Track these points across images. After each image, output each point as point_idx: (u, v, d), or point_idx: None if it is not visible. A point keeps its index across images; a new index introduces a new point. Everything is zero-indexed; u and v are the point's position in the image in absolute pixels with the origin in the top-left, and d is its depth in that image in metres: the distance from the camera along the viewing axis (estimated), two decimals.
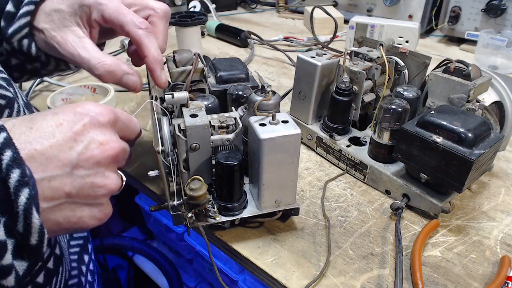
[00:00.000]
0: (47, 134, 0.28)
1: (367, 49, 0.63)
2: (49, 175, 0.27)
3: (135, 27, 0.42)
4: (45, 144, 0.27)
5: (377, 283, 0.43)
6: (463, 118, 0.47)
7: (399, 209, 0.50)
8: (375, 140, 0.55)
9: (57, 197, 0.28)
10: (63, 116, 0.29)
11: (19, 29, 0.43)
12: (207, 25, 1.20)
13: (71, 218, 0.29)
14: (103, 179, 0.30)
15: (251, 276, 0.74)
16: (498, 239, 0.48)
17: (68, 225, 0.29)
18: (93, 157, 0.29)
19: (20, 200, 0.24)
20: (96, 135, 0.30)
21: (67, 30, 0.43)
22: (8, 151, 0.25)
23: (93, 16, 0.43)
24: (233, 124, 0.46)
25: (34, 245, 0.26)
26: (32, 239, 0.25)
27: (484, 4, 1.02)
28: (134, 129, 0.36)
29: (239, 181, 0.45)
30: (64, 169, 0.28)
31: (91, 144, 0.29)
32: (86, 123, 0.29)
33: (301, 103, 0.64)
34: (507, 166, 0.62)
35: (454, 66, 0.53)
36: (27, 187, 0.25)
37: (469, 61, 0.54)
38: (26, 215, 0.25)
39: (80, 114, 0.30)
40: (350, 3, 1.28)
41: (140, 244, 1.02)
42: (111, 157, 0.30)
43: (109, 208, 0.32)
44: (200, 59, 0.54)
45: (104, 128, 0.31)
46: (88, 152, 0.29)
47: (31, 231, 0.25)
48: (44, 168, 0.27)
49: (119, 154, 0.31)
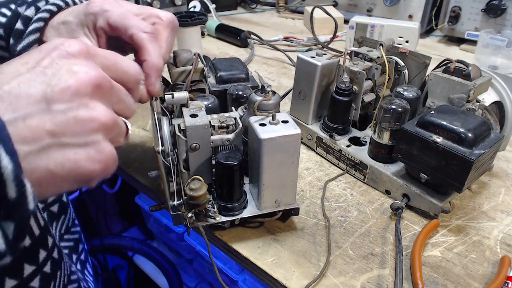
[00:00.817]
0: (13, 73, 0.26)
1: (367, 49, 0.63)
2: (22, 114, 0.25)
3: (138, 30, 0.41)
4: (12, 82, 0.25)
5: (377, 283, 0.43)
6: (463, 118, 0.47)
7: (399, 209, 0.50)
8: (375, 140, 0.55)
9: (38, 137, 0.25)
10: (28, 55, 0.27)
11: (28, 45, 0.43)
12: (207, 25, 1.20)
13: (65, 163, 0.26)
14: (88, 111, 0.27)
15: (251, 276, 0.74)
16: (498, 239, 0.48)
17: (64, 173, 0.26)
18: (68, 88, 0.26)
19: None
20: (68, 64, 0.27)
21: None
22: None
23: (99, 23, 0.42)
24: (233, 124, 0.46)
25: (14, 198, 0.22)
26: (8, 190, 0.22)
27: (484, 4, 1.02)
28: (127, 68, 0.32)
29: (239, 181, 0.45)
30: (39, 106, 0.25)
31: (63, 75, 0.26)
32: (54, 55, 0.27)
33: (301, 103, 0.64)
34: (507, 166, 0.62)
35: (454, 66, 0.53)
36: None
37: (469, 61, 0.54)
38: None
39: (47, 49, 0.27)
40: (350, 3, 1.28)
41: (140, 244, 1.02)
42: (91, 85, 0.27)
43: (108, 147, 0.28)
44: (200, 59, 0.54)
45: (76, 58, 0.28)
46: (62, 82, 0.26)
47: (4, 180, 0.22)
48: (15, 107, 0.25)
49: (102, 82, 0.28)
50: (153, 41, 0.42)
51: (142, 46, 0.41)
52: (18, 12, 0.44)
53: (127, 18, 0.42)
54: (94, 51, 0.29)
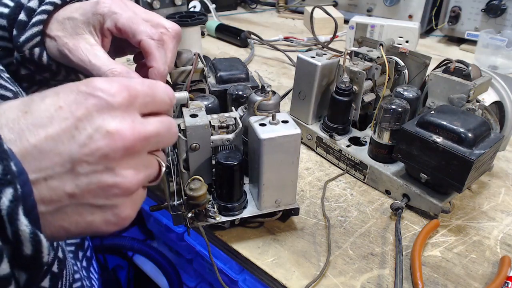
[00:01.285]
0: (43, 121, 0.23)
1: (367, 49, 0.63)
2: (45, 174, 0.23)
3: (148, 36, 0.42)
4: (40, 134, 0.23)
5: (377, 283, 0.43)
6: (463, 118, 0.47)
7: (399, 209, 0.50)
8: (375, 140, 0.55)
9: (57, 199, 0.24)
10: (64, 96, 0.24)
11: (31, 37, 0.43)
12: (207, 25, 1.20)
13: (80, 223, 0.25)
14: (112, 177, 0.25)
15: (251, 276, 0.74)
16: (498, 239, 0.48)
17: (78, 231, 0.26)
18: (98, 150, 0.24)
19: (2, 203, 0.20)
20: (102, 120, 0.24)
21: (79, 37, 0.43)
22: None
23: (107, 24, 0.43)
24: (233, 124, 0.46)
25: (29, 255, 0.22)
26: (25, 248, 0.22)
27: (484, 4, 1.02)
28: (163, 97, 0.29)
29: (239, 181, 0.45)
30: (64, 166, 0.23)
31: (95, 133, 0.24)
32: (91, 105, 0.24)
33: (301, 103, 0.64)
34: (507, 166, 0.62)
35: (454, 66, 0.53)
36: (10, 186, 0.21)
37: (469, 61, 0.54)
38: (11, 221, 0.21)
39: (84, 94, 0.25)
40: (350, 3, 1.28)
41: (140, 244, 1.02)
42: (122, 149, 0.25)
43: (127, 210, 0.27)
44: (200, 59, 0.54)
45: (114, 111, 0.25)
46: (92, 143, 0.24)
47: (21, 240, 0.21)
48: (39, 164, 0.23)
49: (135, 145, 0.25)
50: (161, 49, 0.43)
51: (150, 53, 0.42)
52: (21, 3, 0.44)
53: (137, 23, 0.43)
54: (134, 95, 0.26)
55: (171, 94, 0.31)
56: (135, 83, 0.27)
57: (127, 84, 0.26)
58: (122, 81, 0.26)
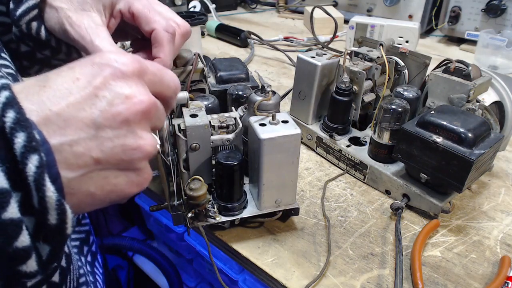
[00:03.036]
0: (63, 92, 0.24)
1: (367, 49, 0.63)
2: (70, 139, 0.23)
3: (162, 28, 0.42)
4: (61, 103, 0.23)
5: (377, 283, 0.43)
6: (463, 118, 0.47)
7: (399, 209, 0.50)
8: (375, 140, 0.55)
9: (83, 165, 0.24)
10: (80, 69, 0.25)
11: (28, 10, 0.42)
12: (207, 25, 1.20)
13: (105, 186, 0.26)
14: (136, 140, 0.26)
15: (251, 276, 0.74)
16: (498, 239, 0.48)
17: (103, 195, 0.26)
18: (119, 114, 0.25)
19: (29, 169, 0.21)
20: (120, 87, 0.25)
21: (85, 14, 0.41)
22: (11, 111, 0.21)
23: (119, 6, 0.42)
24: (233, 124, 0.46)
25: (54, 224, 0.22)
26: (50, 217, 0.22)
27: (484, 4, 1.02)
28: (169, 82, 0.31)
29: (239, 181, 0.45)
30: (88, 131, 0.24)
31: (115, 99, 0.25)
32: (107, 74, 0.25)
33: (301, 103, 0.64)
34: (507, 166, 0.62)
35: (454, 66, 0.53)
36: (35, 153, 0.21)
37: (469, 61, 0.54)
38: (38, 187, 0.21)
39: (99, 65, 0.26)
40: (350, 3, 1.28)
41: (140, 244, 1.02)
42: (141, 113, 0.26)
43: (148, 171, 0.28)
44: (200, 59, 0.54)
45: (129, 79, 0.26)
46: (113, 108, 0.25)
47: (47, 207, 0.21)
48: (63, 131, 0.23)
49: (151, 109, 0.27)
50: (171, 43, 0.43)
51: (162, 44, 0.42)
52: None
53: (153, 11, 0.43)
54: (145, 69, 0.28)
55: (177, 82, 0.32)
56: (145, 62, 0.28)
57: (138, 59, 0.27)
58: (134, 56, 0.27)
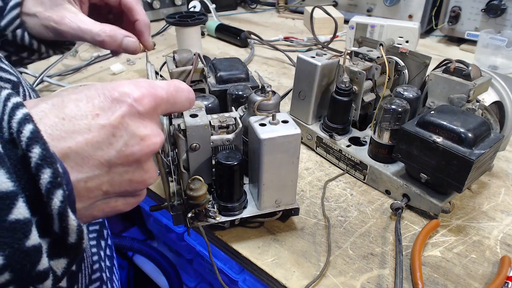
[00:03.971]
0: (82, 128, 0.25)
1: (367, 49, 0.63)
2: (86, 176, 0.25)
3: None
4: (81, 140, 0.24)
5: (377, 283, 0.43)
6: (463, 118, 0.47)
7: (399, 209, 0.50)
8: (375, 140, 0.55)
9: (93, 197, 0.26)
10: (99, 103, 0.26)
11: (12, 20, 0.45)
12: (207, 25, 1.20)
13: (106, 209, 0.28)
14: (142, 174, 0.28)
15: (251, 276, 0.74)
16: (498, 239, 0.48)
17: (102, 215, 0.28)
18: (133, 155, 0.27)
19: (54, 204, 0.22)
20: (136, 128, 0.27)
21: (61, 8, 0.46)
22: (36, 147, 0.22)
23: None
24: (233, 124, 0.46)
25: (73, 243, 0.24)
26: (70, 238, 0.23)
27: (484, 4, 1.02)
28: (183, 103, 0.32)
29: (239, 181, 0.45)
30: (102, 168, 0.26)
31: (131, 140, 0.26)
32: (125, 113, 0.26)
33: (301, 103, 0.64)
34: (507, 166, 0.62)
35: (454, 66, 0.53)
36: (60, 188, 0.22)
37: (469, 61, 0.54)
38: (61, 218, 0.22)
39: (118, 101, 0.26)
40: (350, 3, 1.28)
41: (140, 244, 1.02)
42: (151, 153, 0.28)
43: (144, 193, 0.31)
44: (200, 59, 0.54)
45: (145, 118, 0.28)
46: (128, 149, 0.26)
47: (69, 232, 0.23)
48: (80, 168, 0.25)
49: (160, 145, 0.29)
50: (139, 3, 0.49)
51: (132, 8, 0.49)
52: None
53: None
54: (159, 103, 0.29)
55: (192, 99, 0.33)
56: (161, 90, 0.29)
57: (154, 92, 0.28)
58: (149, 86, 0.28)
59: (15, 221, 0.21)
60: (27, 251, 0.21)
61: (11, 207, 0.20)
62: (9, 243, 0.20)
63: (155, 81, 0.30)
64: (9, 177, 0.21)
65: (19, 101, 0.23)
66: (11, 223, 0.20)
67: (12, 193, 0.20)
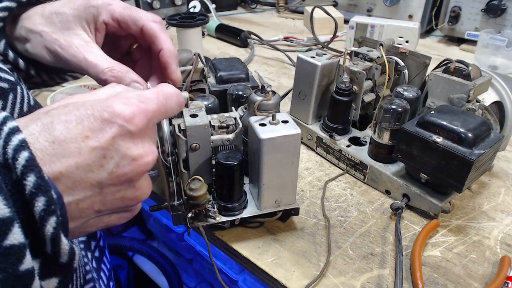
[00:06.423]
0: (73, 152, 0.24)
1: (367, 49, 0.63)
2: (77, 198, 0.25)
3: (149, 20, 0.42)
4: (71, 164, 0.24)
5: (377, 283, 0.43)
6: (463, 118, 0.47)
7: (399, 209, 0.50)
8: (375, 140, 0.55)
9: (85, 216, 0.26)
10: (89, 124, 0.25)
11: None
12: (207, 25, 1.20)
13: (99, 224, 0.28)
14: (134, 192, 0.28)
15: (251, 276, 0.74)
16: (498, 239, 0.48)
17: (96, 229, 0.29)
18: (124, 175, 0.27)
19: (47, 230, 0.22)
20: (127, 148, 0.27)
21: (71, 33, 0.41)
22: (31, 175, 0.22)
23: (102, 17, 0.41)
24: (233, 124, 0.46)
25: (65, 263, 0.24)
26: (61, 259, 0.24)
27: (484, 4, 1.02)
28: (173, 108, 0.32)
29: (239, 181, 0.45)
30: (93, 190, 0.26)
31: (122, 161, 0.26)
32: (116, 135, 0.26)
33: (301, 103, 0.64)
34: (507, 166, 0.62)
35: (454, 66, 0.53)
36: (53, 215, 0.22)
37: (469, 61, 0.54)
38: (54, 243, 0.23)
39: (108, 122, 0.26)
40: (350, 3, 1.28)
41: (140, 244, 1.02)
42: (144, 171, 0.28)
43: (138, 207, 0.31)
44: (200, 59, 0.54)
45: (136, 137, 0.27)
46: (119, 170, 0.26)
47: (60, 254, 0.23)
48: (71, 191, 0.25)
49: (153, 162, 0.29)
50: (164, 29, 0.43)
51: (156, 36, 0.42)
52: None
53: (135, 10, 0.42)
54: (151, 118, 0.29)
55: (182, 101, 0.33)
56: (151, 102, 0.29)
57: (144, 108, 0.28)
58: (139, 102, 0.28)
59: (10, 246, 0.21)
60: (20, 275, 0.21)
61: (6, 233, 0.21)
62: (4, 268, 0.20)
63: (144, 93, 0.29)
64: (6, 204, 0.21)
65: (15, 126, 0.23)
66: (6, 248, 0.21)
67: (8, 219, 0.21)
